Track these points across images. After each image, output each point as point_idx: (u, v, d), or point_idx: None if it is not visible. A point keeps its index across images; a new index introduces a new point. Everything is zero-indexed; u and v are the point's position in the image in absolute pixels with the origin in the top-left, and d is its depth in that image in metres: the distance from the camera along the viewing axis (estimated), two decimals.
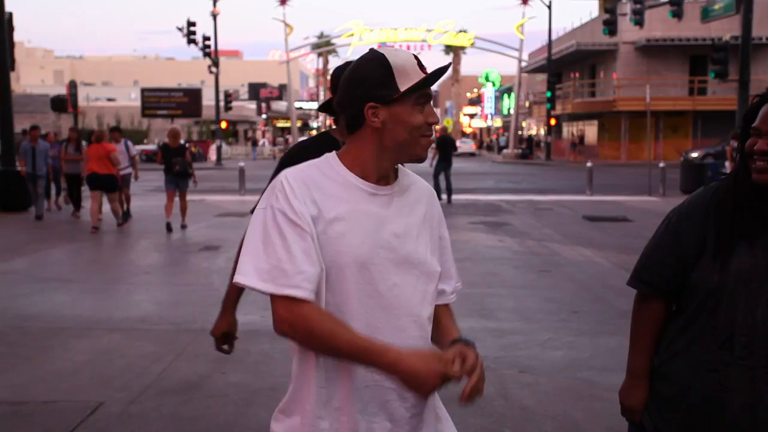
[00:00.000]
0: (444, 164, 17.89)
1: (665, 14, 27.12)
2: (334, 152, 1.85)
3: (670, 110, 38.71)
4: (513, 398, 4.77)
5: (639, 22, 24.50)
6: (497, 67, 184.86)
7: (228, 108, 43.82)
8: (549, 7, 42.61)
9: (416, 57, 1.82)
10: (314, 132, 65.96)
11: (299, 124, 57.31)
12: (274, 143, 58.63)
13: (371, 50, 1.84)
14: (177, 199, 13.15)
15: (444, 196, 17.51)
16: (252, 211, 1.92)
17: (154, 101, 48.32)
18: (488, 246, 11.18)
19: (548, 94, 42.53)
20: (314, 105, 68.86)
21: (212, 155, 43.17)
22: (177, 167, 12.80)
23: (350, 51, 54.11)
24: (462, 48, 62.62)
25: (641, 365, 2.12)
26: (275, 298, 1.69)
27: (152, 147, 42.42)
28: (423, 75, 1.78)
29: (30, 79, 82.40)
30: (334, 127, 2.79)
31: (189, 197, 13.83)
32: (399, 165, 1.88)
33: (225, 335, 2.80)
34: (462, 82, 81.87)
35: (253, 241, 1.72)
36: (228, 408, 4.61)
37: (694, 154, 27.81)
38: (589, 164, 21.75)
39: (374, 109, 1.77)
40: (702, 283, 1.96)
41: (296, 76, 57.64)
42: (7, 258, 10.21)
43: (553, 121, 44.74)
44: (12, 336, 6.32)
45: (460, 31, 54.60)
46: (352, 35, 52.41)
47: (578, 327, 6.54)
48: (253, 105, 66.43)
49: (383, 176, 1.82)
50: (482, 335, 6.06)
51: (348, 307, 1.75)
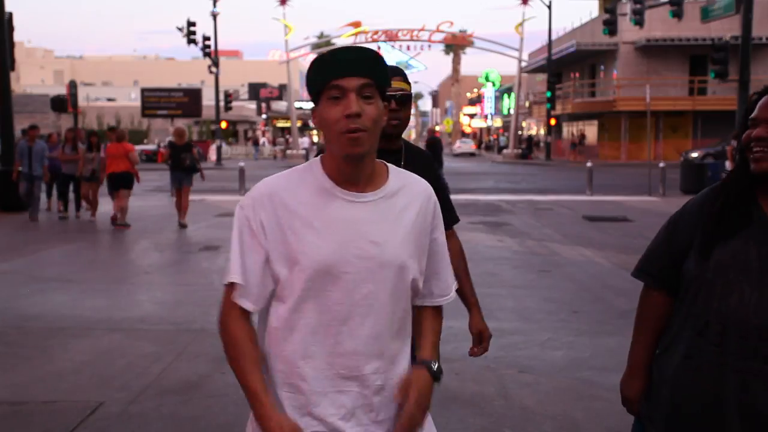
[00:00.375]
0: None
1: (665, 14, 27.11)
2: (319, 156, 1.82)
3: (670, 110, 38.69)
4: (513, 398, 4.78)
5: (639, 22, 24.51)
6: (497, 67, 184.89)
7: (228, 108, 43.81)
8: (549, 7, 42.60)
9: (360, 51, 1.68)
10: (314, 132, 65.91)
11: (299, 124, 57.21)
12: (275, 143, 58.57)
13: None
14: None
15: None
16: None
17: (154, 101, 48.37)
18: (488, 246, 11.18)
19: (548, 94, 42.51)
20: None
21: (212, 155, 43.12)
22: (187, 161, 13.45)
23: None
24: (462, 48, 62.61)
25: (639, 356, 2.17)
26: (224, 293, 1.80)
27: (152, 147, 42.42)
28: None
29: (30, 79, 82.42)
30: None
31: (189, 197, 13.88)
32: (389, 165, 1.84)
33: None
34: (462, 82, 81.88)
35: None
36: (228, 408, 4.61)
37: (694, 154, 27.78)
38: (589, 164, 21.74)
39: (314, 112, 1.75)
40: (686, 273, 2.02)
41: (296, 76, 57.56)
42: (7, 258, 10.22)
43: (553, 121, 44.73)
44: (12, 336, 6.32)
45: (460, 31, 54.63)
46: (352, 35, 52.40)
47: (578, 327, 6.55)
48: (253, 105, 66.35)
49: (353, 180, 1.74)
50: None
51: (322, 316, 1.74)
